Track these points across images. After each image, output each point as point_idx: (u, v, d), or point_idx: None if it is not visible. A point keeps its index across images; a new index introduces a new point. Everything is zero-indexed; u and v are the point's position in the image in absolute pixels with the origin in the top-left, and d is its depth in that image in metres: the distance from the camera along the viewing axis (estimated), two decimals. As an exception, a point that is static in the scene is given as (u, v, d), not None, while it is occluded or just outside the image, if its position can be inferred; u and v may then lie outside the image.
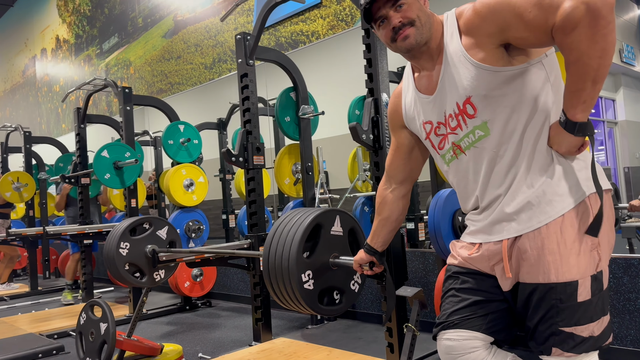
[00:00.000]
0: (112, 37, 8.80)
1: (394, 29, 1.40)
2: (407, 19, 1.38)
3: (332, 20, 4.35)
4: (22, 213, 7.67)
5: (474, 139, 1.36)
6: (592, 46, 1.10)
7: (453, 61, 1.36)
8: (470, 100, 1.33)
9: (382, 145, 2.57)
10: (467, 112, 1.35)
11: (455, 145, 1.41)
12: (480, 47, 1.30)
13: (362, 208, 4.15)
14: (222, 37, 5.98)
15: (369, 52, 2.58)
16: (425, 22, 1.39)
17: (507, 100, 1.31)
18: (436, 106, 1.44)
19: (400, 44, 1.40)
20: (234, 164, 3.37)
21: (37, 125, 12.63)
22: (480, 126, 1.35)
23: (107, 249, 2.99)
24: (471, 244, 1.46)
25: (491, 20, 1.27)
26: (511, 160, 1.33)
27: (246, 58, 3.36)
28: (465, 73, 1.33)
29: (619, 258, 2.73)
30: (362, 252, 1.78)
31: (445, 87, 1.39)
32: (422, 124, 1.50)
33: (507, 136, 1.32)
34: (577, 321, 1.27)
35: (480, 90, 1.31)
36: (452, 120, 1.39)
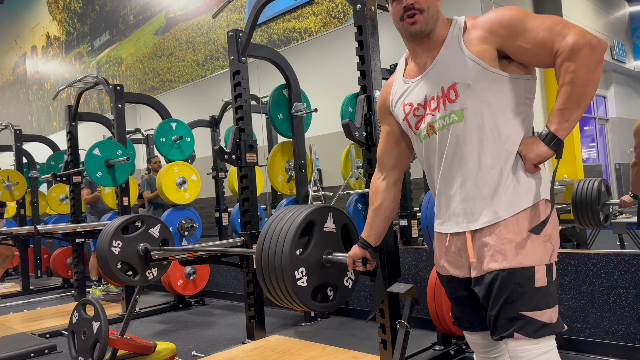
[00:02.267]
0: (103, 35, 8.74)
1: (405, 8, 1.49)
2: (419, 6, 1.48)
3: (324, 17, 4.35)
4: (13, 212, 7.61)
5: (448, 122, 1.47)
6: (587, 74, 1.31)
7: (449, 50, 1.48)
8: (455, 87, 1.45)
9: (375, 143, 2.57)
10: (449, 97, 1.46)
11: (430, 125, 1.51)
12: (481, 42, 1.43)
13: (355, 205, 4.16)
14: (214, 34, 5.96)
15: (361, 50, 2.58)
16: (434, 14, 1.50)
17: (486, 96, 1.43)
18: (420, 89, 1.54)
19: (407, 27, 1.50)
20: (227, 162, 3.36)
21: (28, 123, 12.53)
22: (456, 111, 1.46)
23: (100, 247, 2.97)
24: (443, 234, 1.56)
25: (505, 24, 1.41)
26: (476, 153, 1.44)
27: (238, 55, 3.35)
28: (457, 62, 1.46)
29: (610, 254, 2.75)
30: (356, 247, 1.78)
31: (435, 72, 1.50)
32: (403, 106, 1.60)
33: (477, 128, 1.44)
34: (535, 306, 1.37)
35: (466, 79, 1.43)
36: (433, 102, 1.50)
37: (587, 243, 4.54)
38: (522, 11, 1.43)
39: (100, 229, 4.56)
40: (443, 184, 1.52)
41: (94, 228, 4.99)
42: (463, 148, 1.45)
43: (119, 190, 4.56)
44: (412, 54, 1.60)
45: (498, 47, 1.43)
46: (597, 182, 3.49)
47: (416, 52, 1.58)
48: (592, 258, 2.80)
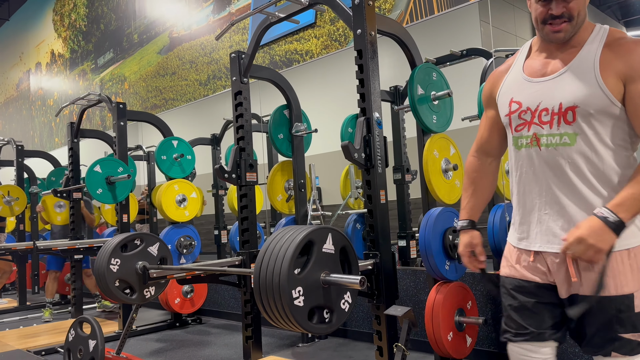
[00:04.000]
0: (107, 53, 8.85)
1: (551, 16, 1.42)
2: (569, 12, 1.40)
3: (325, 40, 4.42)
4: (12, 227, 7.60)
5: (559, 141, 1.43)
6: None
7: (581, 66, 1.41)
8: (574, 109, 1.40)
9: (374, 164, 2.60)
10: (566, 117, 1.41)
11: (536, 137, 1.47)
12: (617, 73, 1.38)
13: (354, 225, 4.16)
14: (217, 55, 6.04)
15: (361, 73, 2.62)
16: (581, 20, 1.43)
17: (605, 128, 1.41)
18: (535, 93, 1.47)
19: (550, 34, 1.44)
20: (227, 181, 3.38)
21: (30, 138, 12.60)
22: (570, 135, 1.42)
23: (98, 265, 2.98)
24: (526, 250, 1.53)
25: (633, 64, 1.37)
26: (584, 181, 1.42)
27: (240, 76, 3.40)
28: (586, 84, 1.39)
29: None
30: (470, 233, 1.69)
31: (558, 84, 1.44)
32: (510, 101, 1.53)
33: (588, 156, 1.41)
34: (634, 328, 1.40)
35: (589, 107, 1.39)
36: (545, 114, 1.44)
37: None
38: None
39: (100, 245, 4.56)
40: (540, 200, 1.49)
41: (93, 245, 4.99)
42: (570, 172, 1.43)
43: (119, 208, 4.57)
44: (541, 48, 1.52)
45: (624, 81, 1.38)
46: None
47: (546, 48, 1.51)
48: (590, 282, 2.80)
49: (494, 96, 1.63)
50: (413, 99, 2.83)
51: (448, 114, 3.06)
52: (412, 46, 2.96)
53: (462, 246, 1.67)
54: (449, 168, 2.97)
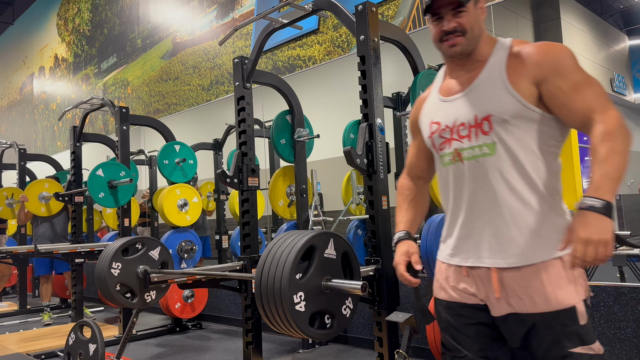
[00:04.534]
0: (110, 57, 8.88)
1: (445, 32, 1.45)
2: (461, 26, 1.43)
3: (328, 46, 4.43)
4: (13, 230, 7.61)
5: (479, 153, 1.43)
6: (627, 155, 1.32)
7: (489, 76, 1.44)
8: (489, 119, 1.41)
9: (376, 170, 2.60)
10: (482, 128, 1.42)
11: (457, 152, 1.47)
12: (524, 76, 1.39)
13: (356, 231, 4.16)
14: (220, 60, 6.06)
15: (364, 79, 2.63)
16: (477, 34, 1.46)
17: (521, 134, 1.40)
18: (451, 110, 1.49)
19: (447, 49, 1.47)
20: (229, 185, 3.38)
21: (33, 142, 12.63)
22: (489, 145, 1.42)
23: (99, 268, 2.98)
24: (457, 266, 1.50)
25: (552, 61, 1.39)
26: (508, 190, 1.40)
27: (243, 81, 3.41)
28: (496, 92, 1.41)
29: (610, 287, 2.74)
30: (407, 242, 1.63)
31: (470, 97, 1.46)
32: (430, 123, 1.55)
33: (509, 164, 1.40)
34: (582, 342, 1.35)
35: (503, 114, 1.39)
36: (463, 128, 1.45)
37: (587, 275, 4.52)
38: (572, 54, 1.40)
39: (101, 249, 4.56)
40: (468, 215, 1.47)
41: (94, 249, 4.99)
42: (494, 183, 1.41)
43: (121, 211, 4.57)
44: (450, 70, 1.56)
45: (537, 83, 1.39)
46: (597, 214, 3.50)
47: (454, 69, 1.54)
48: (592, 290, 2.79)
49: (417, 122, 1.65)
50: (415, 105, 2.83)
51: (450, 120, 3.06)
52: (415, 52, 2.97)
53: (398, 255, 1.60)
54: (451, 174, 2.97)
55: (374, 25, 2.60)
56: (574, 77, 1.38)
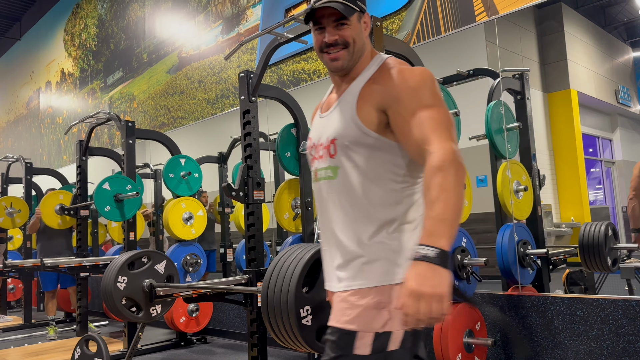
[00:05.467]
0: (116, 72, 8.96)
1: (325, 43, 1.40)
2: (342, 39, 1.39)
3: (333, 60, 4.46)
4: (19, 244, 7.63)
5: (324, 175, 1.42)
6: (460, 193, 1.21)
7: (346, 99, 1.40)
8: (335, 142, 1.38)
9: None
10: (330, 151, 1.40)
11: (316, 171, 1.46)
12: (374, 101, 1.34)
13: (361, 244, 4.15)
14: (225, 74, 6.10)
15: (369, 92, 2.64)
16: (359, 49, 1.41)
17: (360, 160, 1.35)
18: (321, 128, 1.47)
19: (329, 63, 1.43)
20: (235, 199, 3.38)
21: (39, 156, 12.70)
22: (333, 168, 1.39)
23: (105, 282, 2.97)
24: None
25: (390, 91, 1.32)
26: (342, 215, 1.38)
27: (249, 95, 3.42)
28: (344, 116, 1.38)
29: (618, 300, 2.72)
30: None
31: (329, 118, 1.44)
32: (308, 138, 1.55)
33: (347, 190, 1.37)
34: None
35: (344, 139, 1.36)
36: (321, 148, 1.43)
37: (594, 287, 4.48)
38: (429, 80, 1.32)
39: (106, 263, 4.56)
40: (322, 236, 1.48)
41: (99, 262, 4.99)
42: (332, 207, 1.40)
43: (126, 225, 4.58)
44: (334, 83, 1.52)
45: (383, 109, 1.33)
46: (603, 226, 3.48)
47: (336, 82, 1.50)
48: (600, 304, 2.77)
49: None
50: (420, 118, 2.84)
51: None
52: (420, 65, 2.98)
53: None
54: (456, 187, 2.97)
55: (379, 39, 2.61)
56: (418, 104, 1.28)
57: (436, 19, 3.66)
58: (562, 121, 8.34)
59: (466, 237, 2.83)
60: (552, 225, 7.50)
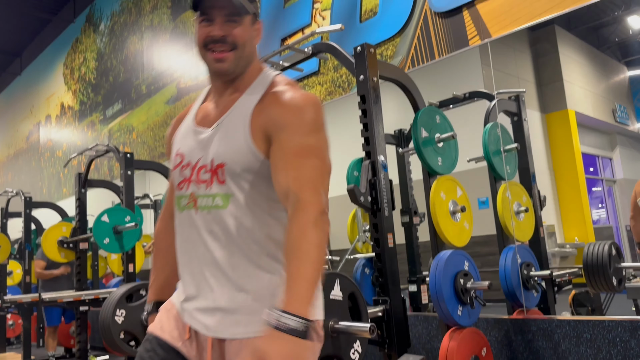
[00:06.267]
0: (115, 104, 9.04)
1: (212, 37, 1.24)
2: (232, 38, 1.24)
3: (329, 87, 4.49)
4: (18, 279, 7.56)
5: (211, 204, 1.23)
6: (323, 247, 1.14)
7: (235, 118, 1.25)
8: (223, 168, 1.23)
9: (380, 207, 2.58)
10: (219, 177, 1.23)
11: (194, 197, 1.26)
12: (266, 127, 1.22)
13: (363, 270, 4.10)
14: (223, 103, 6.17)
15: (365, 117, 2.64)
16: (248, 55, 1.27)
17: (250, 188, 1.23)
18: (197, 144, 1.29)
19: (212, 63, 1.27)
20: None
21: (39, 189, 12.71)
22: (222, 196, 1.23)
23: (103, 316, 2.93)
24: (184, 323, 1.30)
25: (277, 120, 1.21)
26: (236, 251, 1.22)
27: (246, 123, 3.43)
28: (235, 139, 1.23)
29: (625, 321, 2.66)
30: None
31: (214, 136, 1.26)
32: (175, 153, 1.33)
33: (240, 223, 1.22)
34: None
35: (235, 165, 1.22)
36: (204, 172, 1.25)
37: (602, 308, 4.41)
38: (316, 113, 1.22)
39: (105, 296, 4.50)
40: (195, 269, 1.26)
41: (99, 296, 4.93)
42: (220, 241, 1.22)
43: (125, 257, 4.54)
44: (213, 89, 1.34)
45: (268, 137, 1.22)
46: (607, 246, 3.44)
47: (216, 90, 1.32)
48: (607, 325, 2.71)
49: (170, 146, 1.40)
50: (417, 141, 2.84)
51: (453, 155, 3.06)
52: (414, 90, 3.00)
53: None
54: (456, 210, 2.95)
55: (373, 65, 2.63)
56: (302, 142, 1.18)
57: (430, 44, 3.70)
58: (561, 141, 8.36)
59: (468, 261, 2.79)
60: (556, 246, 7.44)
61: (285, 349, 0.99)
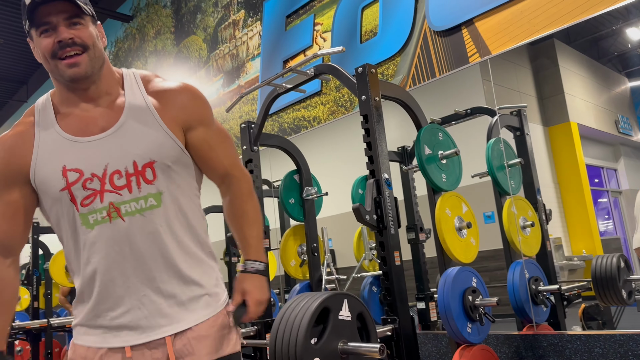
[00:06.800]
0: (121, 128, 9.18)
1: (60, 43, 1.18)
2: (81, 40, 1.20)
3: (332, 106, 4.54)
4: (26, 304, 7.56)
5: (144, 206, 1.24)
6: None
7: (137, 116, 1.26)
8: (153, 165, 1.25)
9: (386, 225, 2.59)
10: (146, 176, 1.24)
11: (115, 207, 1.23)
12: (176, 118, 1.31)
13: (370, 288, 4.09)
14: (227, 125, 6.20)
15: (368, 136, 2.67)
16: (99, 56, 1.25)
17: (181, 181, 1.34)
18: (95, 154, 1.24)
19: (65, 70, 1.20)
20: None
21: (46, 214, 12.78)
22: (155, 195, 1.26)
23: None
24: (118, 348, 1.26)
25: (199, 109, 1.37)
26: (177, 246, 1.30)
27: (250, 145, 3.47)
28: (154, 136, 1.26)
29: (636, 334, 2.64)
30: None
31: (122, 139, 1.25)
32: (63, 170, 1.23)
33: (175, 217, 1.30)
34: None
35: (166, 159, 1.27)
36: (119, 177, 1.23)
37: (612, 321, 4.37)
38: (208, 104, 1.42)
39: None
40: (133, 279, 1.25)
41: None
42: (163, 239, 1.26)
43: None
44: (68, 100, 1.27)
45: (185, 129, 1.32)
46: (615, 258, 3.43)
47: (73, 99, 1.26)
48: (619, 339, 2.69)
49: (19, 172, 1.25)
50: (421, 159, 2.86)
51: (457, 172, 3.07)
52: (416, 108, 3.03)
53: None
54: (462, 226, 2.95)
55: (374, 85, 2.66)
56: (217, 129, 1.40)
57: (430, 62, 3.75)
58: (565, 154, 8.35)
59: (476, 277, 2.79)
60: (564, 259, 7.38)
61: (257, 283, 1.43)
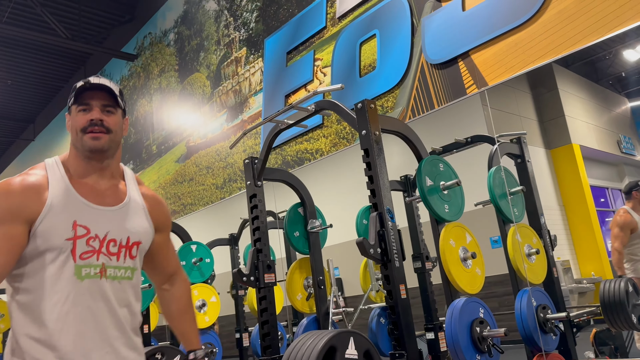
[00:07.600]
0: (127, 165, 9.23)
1: (91, 121, 1.43)
2: (108, 124, 1.46)
3: (334, 139, 4.60)
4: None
5: (123, 275, 1.47)
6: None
7: (135, 205, 1.54)
8: (138, 245, 1.51)
9: (391, 258, 2.60)
10: (131, 252, 1.49)
11: (104, 267, 1.42)
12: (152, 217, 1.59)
13: (378, 320, 4.06)
14: (231, 159, 6.27)
15: (369, 170, 2.70)
16: (117, 140, 1.51)
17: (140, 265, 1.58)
18: (102, 220, 1.44)
19: (88, 141, 1.44)
20: (246, 284, 3.38)
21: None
22: (132, 269, 1.50)
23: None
24: None
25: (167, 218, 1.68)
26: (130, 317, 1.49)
27: (254, 180, 3.51)
28: (142, 222, 1.54)
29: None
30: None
31: (125, 215, 1.50)
32: (74, 224, 1.39)
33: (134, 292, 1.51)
34: None
35: (146, 244, 1.55)
36: (113, 245, 1.45)
37: (625, 346, 4.31)
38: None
39: None
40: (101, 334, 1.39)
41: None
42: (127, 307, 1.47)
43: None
44: (81, 170, 1.47)
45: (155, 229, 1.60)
46: (622, 283, 3.40)
47: (87, 171, 1.47)
48: (630, 367, 2.66)
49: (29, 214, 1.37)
50: (423, 190, 2.88)
51: (459, 202, 3.09)
52: (416, 140, 3.07)
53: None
54: (467, 257, 2.95)
55: (374, 120, 2.71)
56: (170, 236, 1.71)
57: (428, 94, 3.80)
58: (569, 176, 8.34)
59: (483, 308, 2.78)
60: (573, 282, 7.30)
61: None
